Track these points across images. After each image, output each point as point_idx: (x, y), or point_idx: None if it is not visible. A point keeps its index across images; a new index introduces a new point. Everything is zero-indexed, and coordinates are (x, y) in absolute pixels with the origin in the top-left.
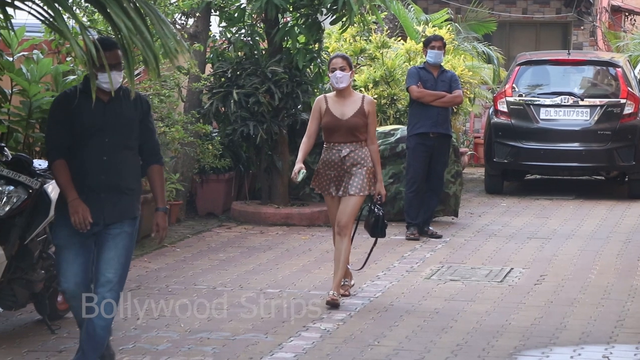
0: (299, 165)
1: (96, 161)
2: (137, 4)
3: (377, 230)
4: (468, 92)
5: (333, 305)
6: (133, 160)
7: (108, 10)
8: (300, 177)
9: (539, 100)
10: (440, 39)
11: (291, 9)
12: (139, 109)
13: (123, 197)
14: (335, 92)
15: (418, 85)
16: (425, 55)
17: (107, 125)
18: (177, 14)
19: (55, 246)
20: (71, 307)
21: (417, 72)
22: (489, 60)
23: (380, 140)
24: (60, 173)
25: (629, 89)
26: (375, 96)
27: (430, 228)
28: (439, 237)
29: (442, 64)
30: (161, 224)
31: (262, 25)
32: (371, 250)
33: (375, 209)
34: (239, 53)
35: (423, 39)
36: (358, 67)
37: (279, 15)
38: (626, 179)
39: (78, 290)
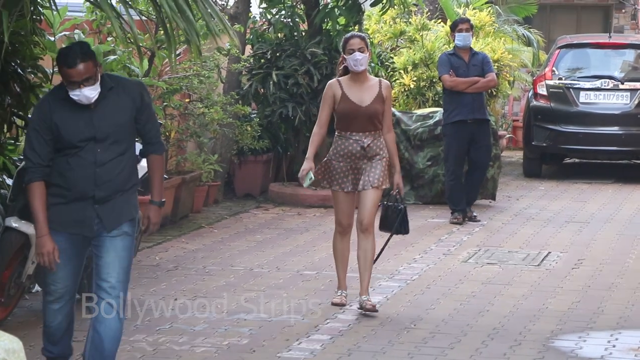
0: (308, 164)
1: (88, 174)
2: None
3: (401, 225)
4: (507, 75)
5: (372, 311)
6: (129, 162)
7: None
8: (307, 183)
9: (578, 84)
10: (467, 21)
11: None
12: (132, 104)
13: (118, 201)
14: (349, 75)
15: (450, 74)
16: (454, 40)
17: (97, 135)
18: None
19: None
20: (49, 312)
21: (448, 59)
22: (529, 43)
23: (419, 123)
24: (35, 198)
25: None
26: (415, 78)
27: (471, 211)
28: (477, 221)
29: (471, 46)
30: (152, 219)
31: (302, 6)
32: (384, 246)
33: (396, 203)
34: (279, 34)
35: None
36: (397, 49)
37: None
38: None
39: (66, 292)
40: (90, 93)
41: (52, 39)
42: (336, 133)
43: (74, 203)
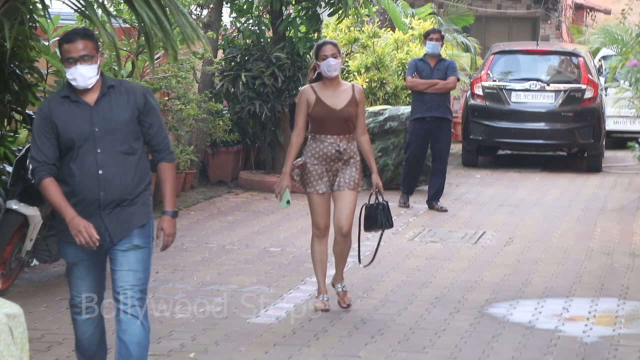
0: (286, 180)
1: (91, 176)
2: None
3: (384, 220)
4: None
5: (346, 306)
6: (137, 165)
7: (133, 2)
8: (283, 204)
9: (510, 85)
10: (438, 31)
11: (294, 2)
12: (133, 104)
13: (126, 210)
14: (322, 81)
15: (413, 76)
16: (425, 46)
17: (97, 132)
18: (193, 6)
19: (66, 264)
20: (77, 325)
21: (415, 63)
22: (467, 49)
23: (371, 119)
24: (50, 192)
25: (589, 76)
26: (367, 80)
27: (439, 203)
28: (445, 211)
29: (439, 53)
30: (167, 229)
31: (267, 16)
32: (378, 244)
33: (377, 202)
34: (247, 40)
35: (410, 30)
36: (352, 54)
37: (283, 8)
38: (585, 155)
39: (91, 305)
40: (86, 72)
41: (47, 43)
42: (310, 135)
43: (82, 211)
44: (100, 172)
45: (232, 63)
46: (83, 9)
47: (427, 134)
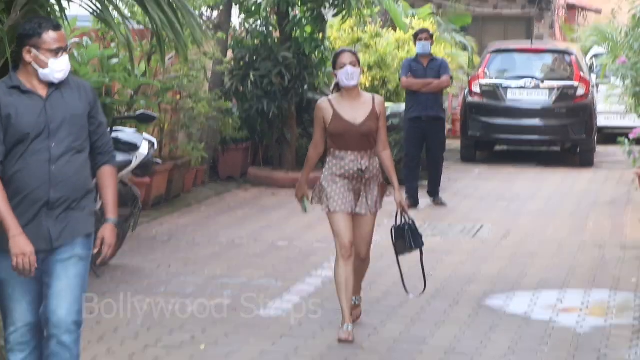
0: (301, 190)
1: (41, 173)
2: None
3: (412, 241)
4: None
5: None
6: (85, 165)
7: (145, 5)
8: (303, 211)
9: (506, 83)
10: (426, 31)
11: (299, 3)
12: (85, 98)
13: (73, 213)
14: (341, 92)
15: (408, 76)
16: (415, 47)
17: (50, 126)
18: (203, 7)
19: None
20: None
21: (409, 64)
22: (465, 48)
23: None
24: None
25: (581, 73)
26: (370, 78)
27: (438, 198)
28: (444, 205)
29: (430, 52)
30: (107, 239)
31: (275, 17)
32: (422, 264)
33: (404, 222)
34: (256, 41)
35: (411, 30)
36: None
37: (289, 9)
38: (578, 150)
39: (30, 334)
40: (67, 64)
41: None
42: (329, 151)
43: (24, 211)
44: (52, 167)
45: (241, 63)
46: (99, 11)
47: (422, 132)
